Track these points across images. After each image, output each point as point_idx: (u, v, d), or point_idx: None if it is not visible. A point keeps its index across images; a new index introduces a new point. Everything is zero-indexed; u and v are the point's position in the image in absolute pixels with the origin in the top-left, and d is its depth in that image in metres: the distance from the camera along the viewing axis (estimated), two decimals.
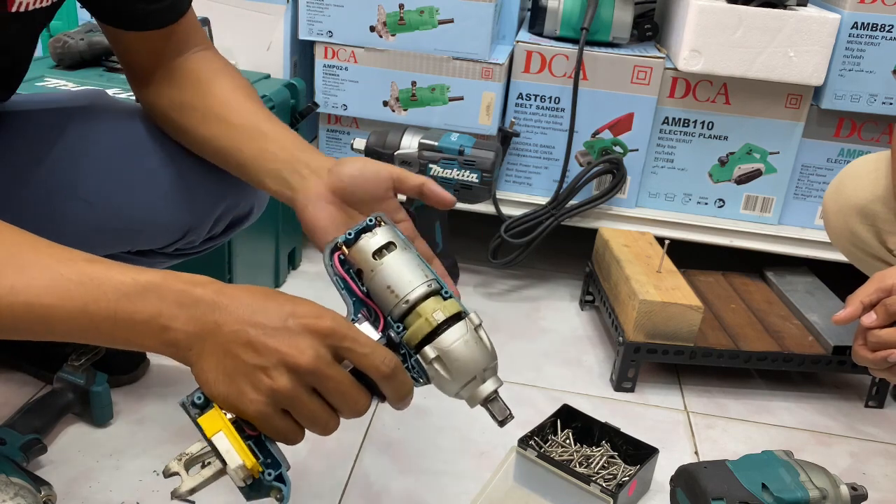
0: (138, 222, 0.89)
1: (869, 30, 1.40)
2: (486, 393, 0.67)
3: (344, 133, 1.59)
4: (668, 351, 1.29)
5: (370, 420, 1.18)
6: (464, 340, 0.65)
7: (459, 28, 1.45)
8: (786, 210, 1.57)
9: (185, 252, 0.98)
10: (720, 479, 0.94)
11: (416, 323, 0.66)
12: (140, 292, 0.58)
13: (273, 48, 1.52)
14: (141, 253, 0.95)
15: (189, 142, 0.87)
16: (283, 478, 0.63)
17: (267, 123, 0.82)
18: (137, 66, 0.88)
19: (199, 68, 0.87)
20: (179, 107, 0.85)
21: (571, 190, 1.52)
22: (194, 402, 0.63)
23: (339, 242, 0.69)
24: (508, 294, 1.63)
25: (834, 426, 1.29)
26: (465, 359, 0.65)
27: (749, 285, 1.55)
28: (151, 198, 0.89)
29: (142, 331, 0.59)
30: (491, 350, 0.67)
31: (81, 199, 0.84)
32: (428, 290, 0.66)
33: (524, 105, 1.53)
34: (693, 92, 1.49)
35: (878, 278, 0.94)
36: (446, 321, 0.65)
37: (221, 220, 0.95)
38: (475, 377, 0.67)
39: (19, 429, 1.00)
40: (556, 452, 1.09)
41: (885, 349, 0.91)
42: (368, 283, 0.68)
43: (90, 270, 0.59)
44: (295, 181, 0.78)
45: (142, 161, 0.88)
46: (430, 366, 0.66)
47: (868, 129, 1.49)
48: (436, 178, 1.34)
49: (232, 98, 0.84)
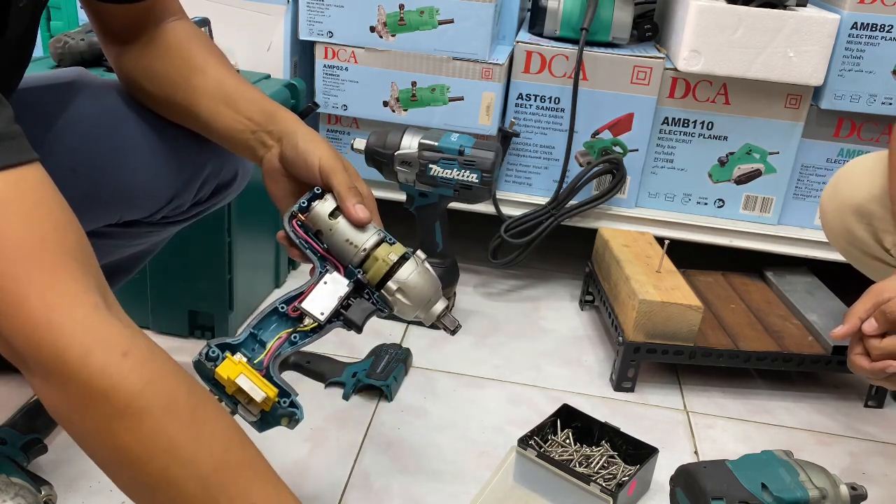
0: (124, 189, 0.89)
1: (869, 30, 1.40)
2: (439, 311, 0.84)
3: (344, 133, 1.59)
4: (668, 351, 1.30)
5: (370, 420, 1.18)
6: (417, 272, 0.81)
7: (459, 28, 1.45)
8: (785, 210, 1.57)
9: (172, 220, 0.98)
10: (720, 479, 0.94)
11: (374, 266, 0.81)
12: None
13: (273, 48, 1.52)
14: (128, 224, 0.95)
15: (164, 109, 0.90)
16: (295, 403, 0.76)
17: (238, 89, 0.86)
18: (114, 36, 0.90)
19: (174, 37, 0.89)
20: (154, 75, 0.88)
21: (571, 190, 1.52)
22: (208, 356, 0.75)
23: (295, 211, 0.82)
24: (508, 294, 1.64)
25: (833, 426, 1.29)
26: (420, 286, 0.81)
27: (749, 285, 1.55)
28: (135, 163, 0.89)
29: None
30: (436, 278, 0.84)
31: (66, 168, 0.84)
32: (379, 238, 0.81)
33: (524, 105, 1.53)
34: (693, 92, 1.49)
35: (875, 293, 0.93)
36: (398, 260, 0.81)
37: (207, 184, 0.96)
38: (430, 300, 0.83)
39: (20, 429, 1.00)
40: (556, 452, 1.09)
41: (886, 359, 0.90)
42: (328, 240, 0.81)
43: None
44: (259, 150, 0.84)
45: (124, 129, 0.89)
46: (394, 297, 0.81)
47: (868, 130, 1.49)
48: (436, 178, 1.35)
49: (205, 65, 0.87)
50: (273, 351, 0.78)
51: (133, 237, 0.98)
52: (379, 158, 1.37)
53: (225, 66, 0.89)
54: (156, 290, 1.30)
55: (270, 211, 1.09)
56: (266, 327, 0.80)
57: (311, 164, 0.81)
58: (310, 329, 0.79)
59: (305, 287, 0.80)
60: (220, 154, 0.95)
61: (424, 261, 0.83)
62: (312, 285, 0.80)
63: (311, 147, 0.82)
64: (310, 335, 0.79)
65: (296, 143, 0.82)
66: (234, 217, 1.26)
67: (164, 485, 0.58)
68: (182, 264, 1.26)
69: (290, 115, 0.86)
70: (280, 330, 0.79)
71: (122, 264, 1.05)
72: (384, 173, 1.39)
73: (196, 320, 1.33)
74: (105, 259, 0.98)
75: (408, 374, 1.31)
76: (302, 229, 0.82)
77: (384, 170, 1.38)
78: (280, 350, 0.78)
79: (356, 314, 0.80)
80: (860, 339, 0.93)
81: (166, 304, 1.30)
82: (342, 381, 1.24)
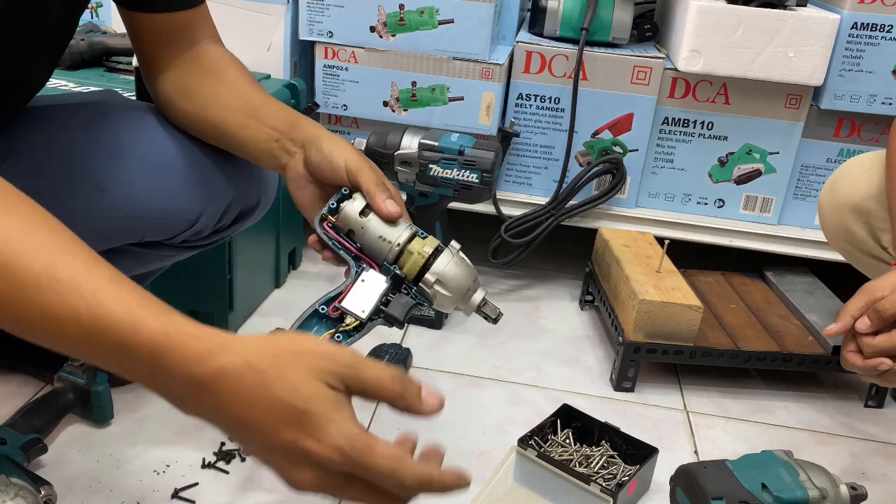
0: (149, 209, 0.90)
1: (868, 30, 1.40)
2: (479, 300, 0.84)
3: (344, 133, 1.59)
4: (668, 351, 1.30)
5: (370, 420, 1.18)
6: (454, 263, 0.81)
7: (459, 28, 1.45)
8: (785, 210, 1.57)
9: (191, 244, 0.99)
10: (720, 479, 0.95)
11: (410, 260, 0.81)
12: (136, 351, 0.57)
13: (273, 48, 1.52)
14: (148, 245, 0.95)
15: (195, 126, 0.91)
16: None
17: (263, 103, 0.88)
18: (149, 55, 0.92)
19: (207, 57, 0.91)
20: (187, 92, 0.90)
21: (571, 190, 1.52)
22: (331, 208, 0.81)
23: (325, 213, 0.82)
24: (508, 294, 1.64)
25: (833, 426, 1.30)
26: (458, 277, 0.81)
27: (749, 285, 1.55)
28: (162, 184, 0.90)
29: (137, 378, 0.59)
30: (473, 268, 0.83)
31: (94, 186, 0.86)
32: (412, 232, 0.82)
33: (524, 105, 1.53)
34: (693, 92, 1.49)
35: (868, 291, 0.93)
36: (433, 252, 0.81)
37: (230, 210, 0.97)
38: (469, 289, 0.82)
39: (20, 429, 1.00)
40: (555, 452, 1.09)
41: (879, 356, 0.90)
42: (361, 238, 0.82)
43: (103, 295, 0.57)
44: (284, 159, 0.85)
45: (153, 149, 0.90)
46: (432, 289, 0.81)
47: (867, 130, 1.49)
48: (436, 178, 1.35)
49: (235, 83, 0.90)
50: None
51: (149, 259, 1.00)
52: (379, 158, 1.37)
53: (252, 82, 0.92)
54: (156, 290, 1.28)
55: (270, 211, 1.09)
56: (308, 329, 0.79)
57: (337, 165, 0.82)
58: (352, 328, 0.79)
59: (343, 287, 0.80)
60: (244, 180, 0.97)
61: (459, 251, 0.84)
62: (350, 285, 0.80)
63: (335, 149, 0.83)
64: (352, 334, 0.79)
65: (320, 147, 0.83)
66: None
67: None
68: (182, 264, 1.25)
69: (312, 122, 0.87)
70: (322, 331, 0.79)
71: None
72: (384, 173, 1.38)
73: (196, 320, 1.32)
74: None
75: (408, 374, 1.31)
76: (333, 230, 0.82)
77: (384, 170, 1.36)
78: None
79: (397, 309, 0.80)
80: (854, 337, 0.93)
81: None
82: None
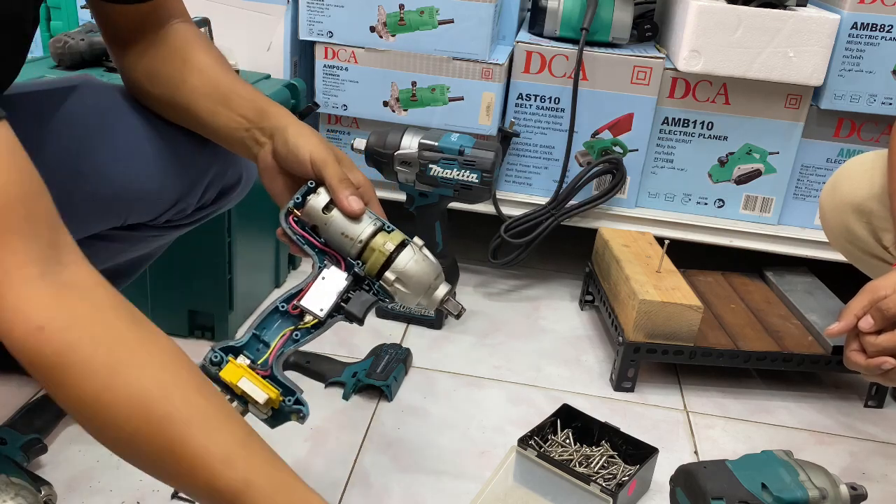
0: (130, 191, 0.89)
1: (868, 30, 1.40)
2: (441, 296, 0.84)
3: (344, 133, 1.59)
4: (668, 351, 1.30)
5: (370, 420, 1.18)
6: (414, 261, 0.81)
7: (459, 28, 1.45)
8: (785, 210, 1.57)
9: (176, 223, 0.99)
10: (720, 479, 0.95)
11: (372, 257, 0.80)
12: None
13: (273, 48, 1.52)
14: (132, 227, 0.95)
15: (166, 110, 0.90)
16: (300, 401, 0.77)
17: (233, 88, 0.86)
18: (119, 38, 0.90)
19: (175, 39, 0.89)
20: (155, 76, 0.88)
21: (571, 190, 1.52)
22: (212, 361, 0.76)
23: (290, 207, 0.82)
24: (508, 294, 1.64)
25: (833, 426, 1.30)
26: (419, 274, 0.81)
27: (749, 285, 1.55)
28: (141, 165, 0.90)
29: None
30: (436, 264, 0.83)
31: (73, 170, 0.85)
32: (375, 228, 0.81)
33: (524, 105, 1.53)
34: (693, 92, 1.49)
35: (871, 290, 0.93)
36: (395, 249, 0.81)
37: (211, 187, 0.96)
38: (430, 286, 0.82)
39: (20, 429, 1.00)
40: (555, 452, 1.09)
41: (882, 355, 0.90)
42: (324, 234, 0.81)
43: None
44: (254, 148, 0.85)
45: (130, 131, 0.90)
46: (393, 286, 0.81)
47: (868, 130, 1.49)
48: (436, 178, 1.35)
49: (203, 66, 0.88)
50: (276, 350, 0.78)
51: (136, 241, 0.99)
52: (379, 158, 1.37)
53: (222, 66, 0.89)
54: (156, 289, 1.30)
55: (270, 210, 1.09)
56: (268, 327, 0.80)
57: (302, 159, 0.81)
58: (311, 326, 0.79)
59: (304, 284, 0.80)
60: (224, 157, 0.95)
61: (422, 247, 0.83)
62: (311, 282, 0.80)
63: (301, 141, 0.82)
64: (311, 332, 0.79)
65: (286, 139, 0.82)
66: (234, 217, 1.26)
67: (120, 441, 0.62)
68: (182, 264, 1.27)
69: (282, 110, 0.86)
70: (282, 329, 0.79)
71: (121, 269, 1.05)
72: (384, 173, 1.39)
73: (196, 320, 1.33)
74: (106, 263, 0.98)
75: (408, 374, 1.31)
76: (298, 225, 0.82)
77: (384, 170, 1.38)
78: (283, 349, 0.78)
79: (356, 307, 0.80)
80: (856, 335, 0.93)
81: (166, 304, 1.30)
82: (342, 381, 1.24)
